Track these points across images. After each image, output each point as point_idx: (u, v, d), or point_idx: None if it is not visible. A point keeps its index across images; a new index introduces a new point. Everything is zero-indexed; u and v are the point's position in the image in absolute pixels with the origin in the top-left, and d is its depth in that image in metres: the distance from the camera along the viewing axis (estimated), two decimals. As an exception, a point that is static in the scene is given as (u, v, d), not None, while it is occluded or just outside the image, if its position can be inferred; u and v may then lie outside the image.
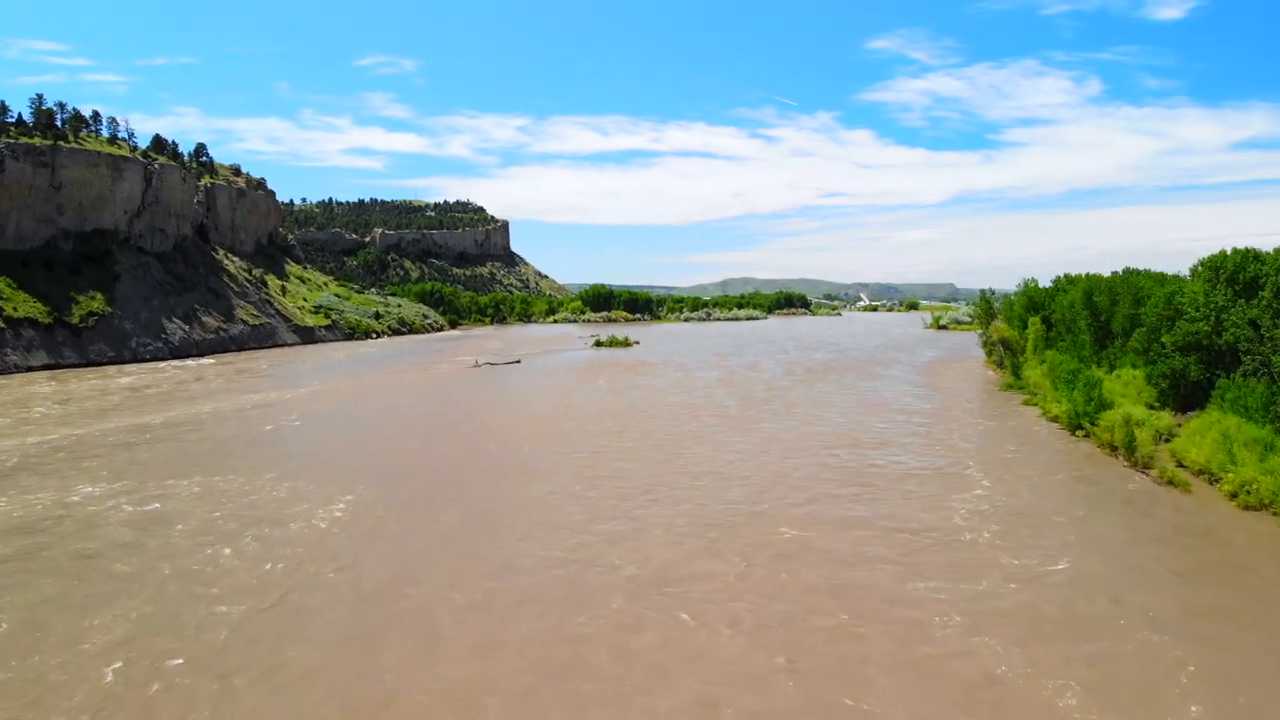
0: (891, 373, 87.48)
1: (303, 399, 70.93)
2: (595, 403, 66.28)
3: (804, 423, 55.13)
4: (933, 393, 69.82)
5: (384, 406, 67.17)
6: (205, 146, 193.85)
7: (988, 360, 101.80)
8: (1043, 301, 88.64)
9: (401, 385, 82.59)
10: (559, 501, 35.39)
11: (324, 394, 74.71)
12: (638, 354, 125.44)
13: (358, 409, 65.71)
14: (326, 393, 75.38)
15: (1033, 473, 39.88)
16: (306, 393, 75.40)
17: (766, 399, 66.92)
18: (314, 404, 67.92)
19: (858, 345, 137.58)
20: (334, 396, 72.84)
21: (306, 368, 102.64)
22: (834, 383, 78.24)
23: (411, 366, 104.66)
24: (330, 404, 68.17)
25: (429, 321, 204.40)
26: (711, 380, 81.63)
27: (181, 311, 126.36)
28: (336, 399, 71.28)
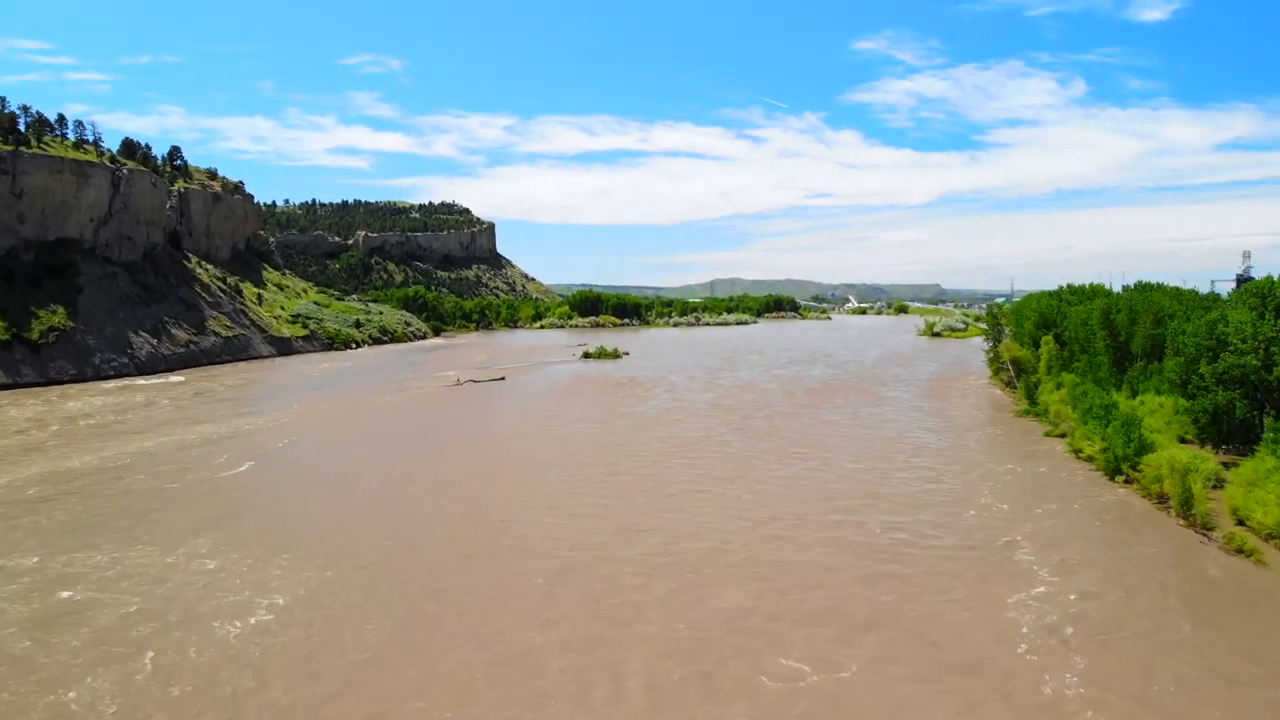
0: (895, 394, 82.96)
1: (254, 434, 64.26)
2: (579, 440, 60.07)
3: (813, 469, 49.83)
4: (945, 423, 65.20)
5: (345, 446, 60.16)
6: (180, 149, 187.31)
7: (993, 377, 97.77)
8: (1054, 318, 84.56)
9: (371, 413, 76.21)
10: (515, 618, 27.64)
11: (280, 426, 67.95)
12: (627, 367, 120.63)
13: (314, 450, 58.82)
14: (283, 425, 68.80)
15: (1089, 548, 34.03)
16: (260, 425, 68.84)
17: (768, 431, 61.95)
18: (265, 441, 61.09)
19: (854, 357, 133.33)
20: (290, 429, 66.35)
21: (272, 387, 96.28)
22: (837, 407, 73.59)
23: (387, 384, 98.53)
24: (284, 440, 61.48)
25: (411, 329, 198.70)
26: (705, 405, 76.68)
27: (150, 324, 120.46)
28: (293, 432, 64.89)
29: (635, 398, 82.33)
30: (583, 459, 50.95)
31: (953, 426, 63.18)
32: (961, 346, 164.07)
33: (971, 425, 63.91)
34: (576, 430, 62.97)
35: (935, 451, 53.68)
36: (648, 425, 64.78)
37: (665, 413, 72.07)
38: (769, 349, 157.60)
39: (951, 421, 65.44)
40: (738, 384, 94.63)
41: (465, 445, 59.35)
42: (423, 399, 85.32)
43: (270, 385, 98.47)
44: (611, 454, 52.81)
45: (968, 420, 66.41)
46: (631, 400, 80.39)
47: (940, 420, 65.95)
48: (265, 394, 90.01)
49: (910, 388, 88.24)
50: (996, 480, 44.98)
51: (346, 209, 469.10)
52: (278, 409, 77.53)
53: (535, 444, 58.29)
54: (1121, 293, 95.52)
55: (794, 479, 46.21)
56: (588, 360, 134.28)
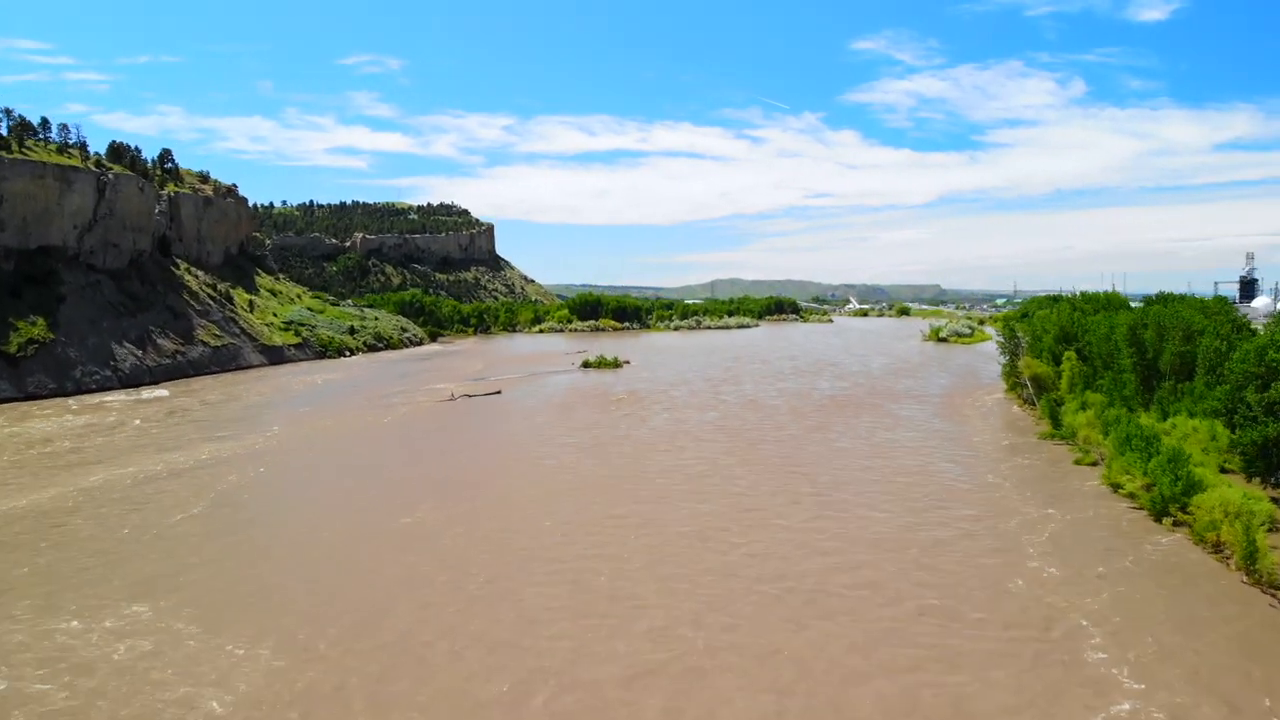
0: (909, 413, 78.75)
1: (221, 464, 58.72)
2: (573, 476, 54.26)
3: (830, 515, 43.90)
4: (967, 451, 60.17)
5: (317, 480, 54.96)
6: (171, 152, 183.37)
7: (1008, 391, 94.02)
8: (1075, 332, 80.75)
9: (353, 436, 71.14)
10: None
11: (251, 454, 62.52)
12: (627, 378, 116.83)
13: (281, 486, 53.41)
14: (255, 451, 63.50)
15: (1161, 630, 28.94)
16: (230, 452, 63.30)
17: (778, 463, 56.65)
18: (231, 474, 55.52)
19: (862, 366, 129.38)
20: (261, 457, 61.26)
21: (253, 405, 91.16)
22: (850, 430, 69.15)
23: (376, 399, 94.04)
24: (251, 472, 56.09)
25: (407, 335, 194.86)
26: (708, 427, 72.27)
27: (134, 335, 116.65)
28: (263, 462, 59.63)
29: (635, 417, 78.18)
30: (575, 503, 46.08)
31: (976, 455, 58.71)
32: (969, 354, 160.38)
33: (996, 453, 59.58)
34: (571, 461, 57.93)
35: (964, 493, 48.21)
36: (648, 453, 60.11)
37: (666, 437, 67.37)
38: (772, 356, 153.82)
39: (974, 450, 60.90)
40: (742, 399, 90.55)
41: (449, 480, 53.42)
42: (411, 418, 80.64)
43: (251, 402, 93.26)
44: (607, 495, 47.86)
45: (990, 447, 62.04)
46: (630, 420, 76.15)
47: (962, 448, 61.45)
48: (244, 413, 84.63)
49: (924, 404, 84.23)
50: (1037, 531, 39.89)
51: (344, 210, 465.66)
52: (253, 431, 72.73)
53: (525, 480, 53.11)
54: (1144, 305, 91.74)
55: (809, 531, 40.94)
56: (587, 370, 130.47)
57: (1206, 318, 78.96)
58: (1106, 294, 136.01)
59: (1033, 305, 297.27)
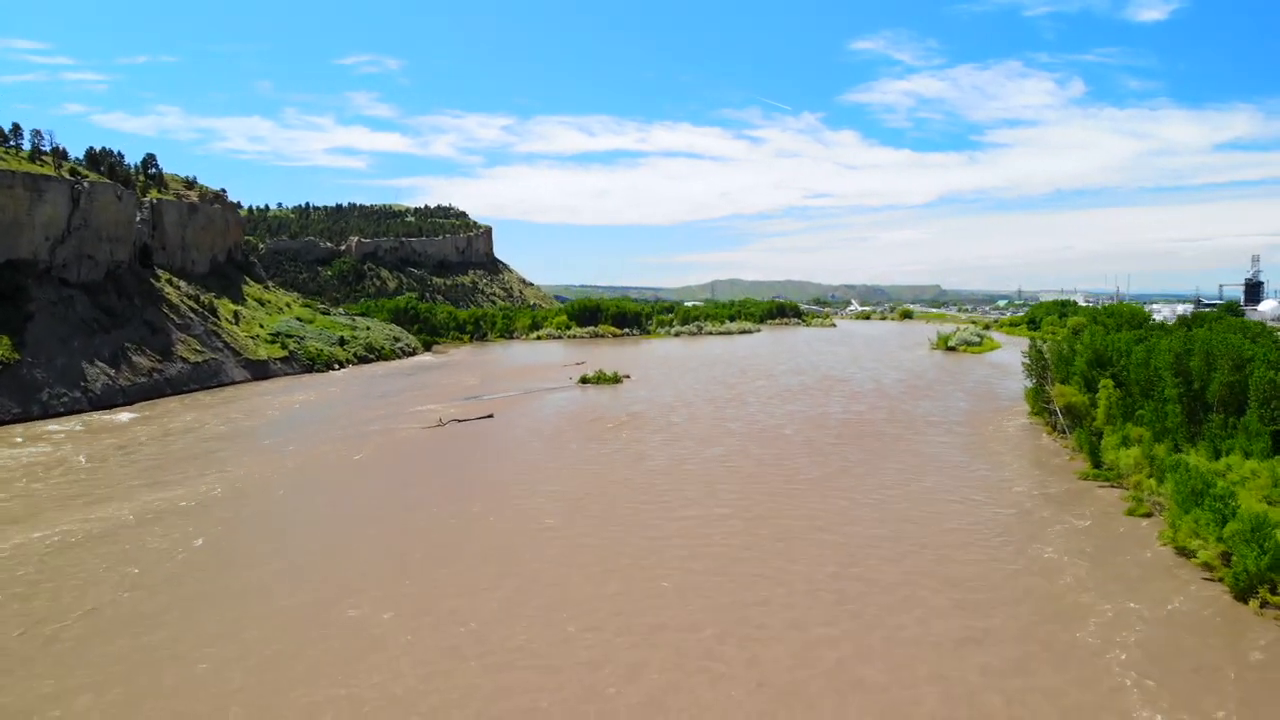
0: (936, 448, 71.42)
1: (155, 521, 51.10)
2: (559, 543, 46.37)
3: (866, 614, 36.05)
4: (1012, 511, 51.99)
5: (259, 548, 47.33)
6: (155, 157, 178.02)
7: (1033, 414, 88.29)
8: (1110, 356, 74.96)
9: (318, 480, 63.96)
10: None
11: (193, 506, 55.12)
12: (626, 397, 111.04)
13: (214, 561, 44.94)
14: (199, 503, 55.95)
15: None
16: (171, 504, 55.35)
17: (800, 528, 48.40)
18: (160, 537, 48.13)
19: (875, 382, 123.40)
20: (203, 513, 53.41)
21: (217, 434, 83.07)
22: (874, 473, 61.82)
23: (358, 424, 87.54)
24: (182, 537, 48.07)
25: (400, 345, 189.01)
26: (714, 466, 65.34)
27: (108, 353, 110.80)
28: (203, 519, 51.65)
29: (632, 451, 71.47)
30: (558, 587, 39.05)
31: (1021, 513, 51.05)
32: (981, 366, 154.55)
33: (1042, 507, 51.38)
34: (556, 523, 49.96)
35: (1024, 579, 39.91)
36: (646, 507, 52.74)
37: (667, 481, 59.97)
38: (777, 369, 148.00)
39: (1017, 505, 53.07)
40: (749, 426, 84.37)
41: (407, 553, 45.41)
42: (387, 452, 73.59)
43: (216, 432, 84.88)
44: (596, 574, 40.76)
45: (1033, 498, 53.60)
46: (627, 456, 69.25)
47: (1002, 501, 53.51)
48: (202, 447, 76.22)
49: (948, 434, 78.01)
50: (1120, 640, 32.49)
51: (341, 212, 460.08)
52: (205, 472, 65.07)
53: (502, 550, 45.30)
54: (1183, 329, 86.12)
55: (834, 649, 32.96)
56: (585, 386, 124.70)
57: (1252, 342, 73.45)
58: (1131, 307, 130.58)
59: (1039, 311, 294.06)
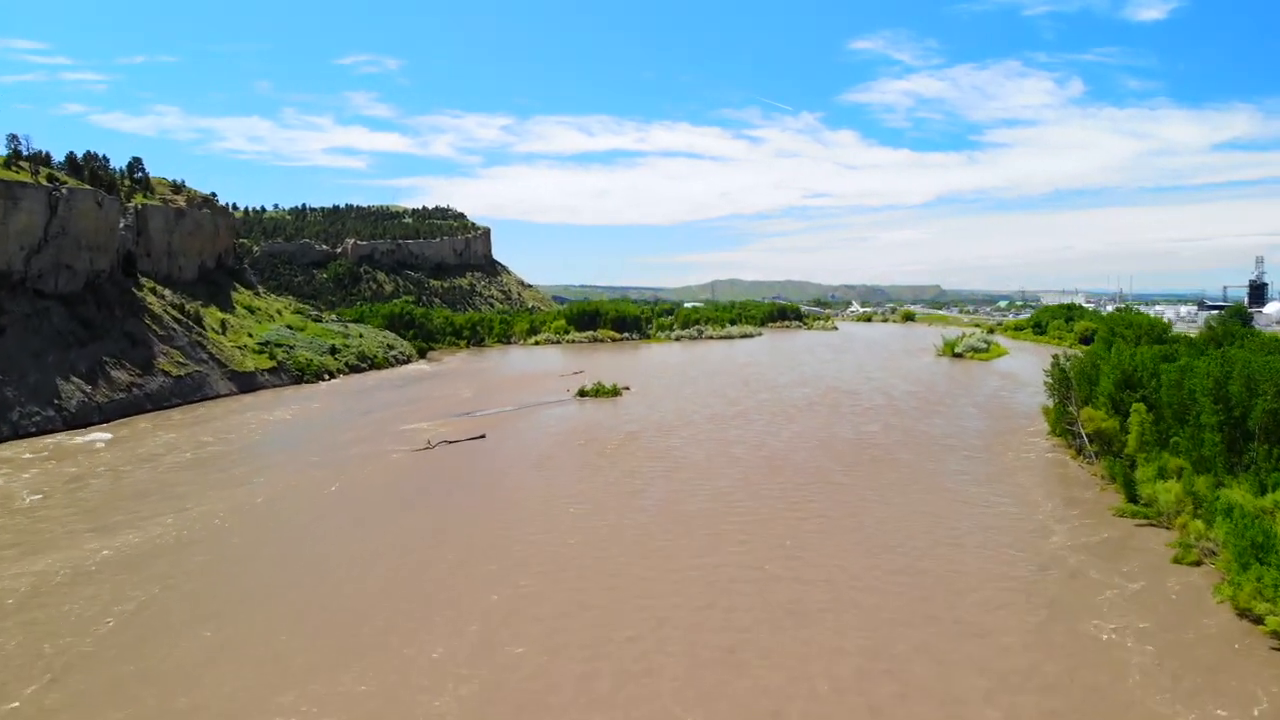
0: (958, 481, 65.61)
1: (82, 583, 44.70)
2: (536, 625, 39.14)
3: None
4: (1050, 566, 46.01)
5: (196, 619, 40.56)
6: (141, 161, 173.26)
7: (1053, 434, 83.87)
8: (1141, 378, 70.38)
9: (282, 518, 58.14)
10: None
11: (134, 558, 48.70)
12: (624, 414, 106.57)
13: (129, 637, 38.39)
14: (142, 553, 49.51)
15: None
16: (107, 558, 48.94)
17: (821, 600, 41.36)
18: (98, 596, 42.53)
19: (884, 396, 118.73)
20: (158, 560, 47.72)
21: (183, 461, 76.16)
22: (893, 516, 55.74)
23: (337, 448, 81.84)
24: (125, 595, 42.82)
25: (394, 353, 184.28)
26: (715, 500, 59.93)
27: (85, 367, 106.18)
28: (136, 577, 45.88)
29: (628, 485, 65.27)
30: (535, 682, 33.42)
31: (1064, 573, 44.42)
32: (990, 375, 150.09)
33: (1082, 559, 45.27)
34: (535, 588, 43.29)
35: (1080, 669, 33.78)
36: (639, 567, 46.22)
37: (663, 530, 53.19)
38: (781, 381, 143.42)
39: (1058, 560, 46.42)
40: (753, 450, 79.14)
41: (361, 630, 38.96)
42: (366, 482, 67.60)
43: (182, 458, 77.82)
44: (579, 670, 34.32)
45: (1071, 547, 47.62)
46: (622, 492, 63.09)
47: (1042, 554, 47.03)
48: (166, 478, 69.20)
49: (968, 460, 72.98)
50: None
51: (337, 214, 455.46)
52: (164, 510, 58.41)
53: (467, 627, 38.66)
54: (1218, 348, 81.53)
55: None
56: (583, 400, 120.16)
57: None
58: (1148, 318, 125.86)
59: (1045, 315, 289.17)
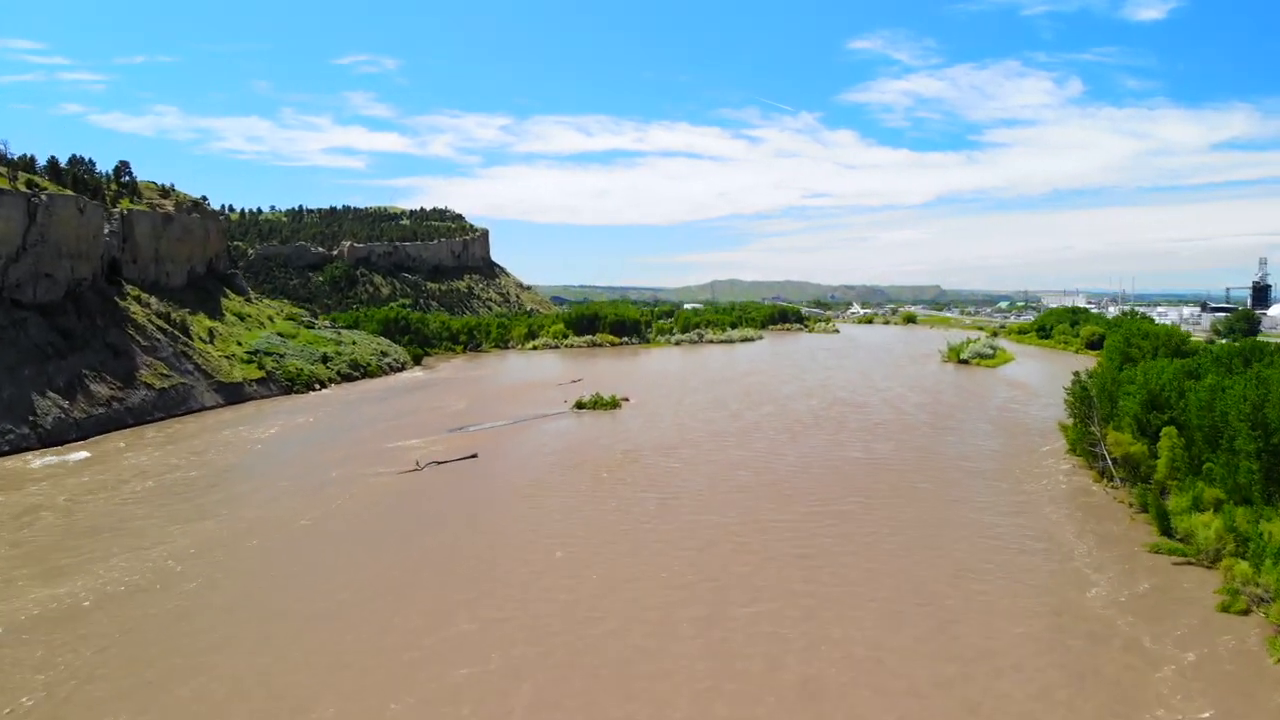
0: (978, 513, 60.80)
1: (26, 634, 40.85)
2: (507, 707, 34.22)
3: None
4: (1101, 634, 40.07)
5: (138, 674, 37.03)
6: (128, 164, 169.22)
7: (1069, 451, 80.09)
8: (1169, 398, 66.46)
9: (253, 558, 52.90)
10: None
11: (88, 607, 44.23)
12: (623, 429, 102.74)
13: (80, 699, 34.96)
14: (99, 601, 45.06)
15: None
16: (65, 599, 45.05)
17: (840, 678, 36.04)
18: (21, 662, 37.94)
19: (893, 409, 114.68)
20: (98, 614, 42.84)
21: (148, 489, 70.49)
22: (912, 564, 50.13)
23: (317, 470, 77.13)
24: (53, 660, 38.14)
25: (388, 360, 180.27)
26: (721, 551, 53.31)
27: (63, 381, 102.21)
28: (91, 631, 40.51)
29: (621, 524, 59.45)
30: None
31: (1118, 644, 38.71)
32: (999, 384, 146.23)
33: (1133, 626, 39.67)
34: (506, 661, 38.02)
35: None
36: (629, 636, 40.48)
37: (659, 580, 47.77)
38: (784, 391, 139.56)
39: (1105, 622, 40.77)
40: (758, 474, 73.71)
41: (309, 709, 34.25)
42: (342, 513, 62.56)
43: (148, 484, 71.85)
44: None
45: (1119, 608, 41.52)
46: (614, 532, 57.28)
47: (1084, 617, 41.38)
48: (124, 511, 62.89)
49: (989, 489, 67.78)
50: None
51: (334, 215, 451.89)
52: (117, 549, 52.94)
53: (427, 707, 33.96)
54: (1252, 367, 77.43)
55: None
56: (580, 412, 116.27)
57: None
58: (1166, 327, 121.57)
59: (1050, 318, 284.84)
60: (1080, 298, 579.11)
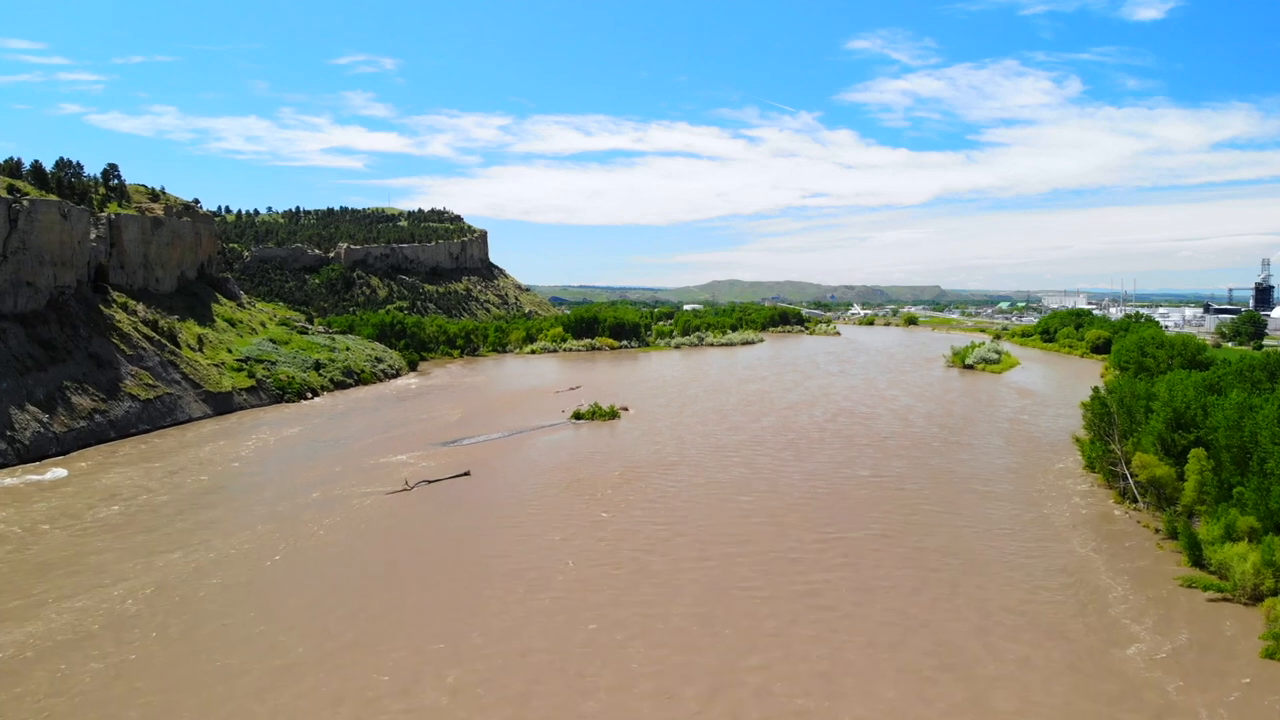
0: (999, 537, 57.60)
1: None
2: None
3: None
4: (1144, 689, 36.23)
5: None
6: (117, 167, 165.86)
7: (1086, 468, 77.01)
8: (1194, 417, 63.17)
9: (208, 603, 47.80)
10: None
11: (13, 668, 39.63)
12: (620, 442, 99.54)
13: None
14: (18, 664, 40.07)
15: None
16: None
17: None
18: None
19: (901, 421, 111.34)
20: (31, 671, 39.47)
21: (113, 516, 65.90)
22: (928, 618, 44.64)
23: (298, 493, 72.84)
24: None
25: (382, 367, 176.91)
26: (726, 590, 49.30)
27: (43, 394, 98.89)
28: (22, 694, 37.22)
29: (613, 556, 55.19)
30: None
31: (1157, 695, 35.53)
32: (1006, 391, 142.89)
33: (1178, 682, 35.20)
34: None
35: None
36: (618, 710, 35.62)
37: (651, 630, 43.29)
38: (786, 398, 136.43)
39: (1151, 684, 36.59)
40: (764, 497, 69.63)
41: None
42: (315, 548, 57.83)
43: (114, 510, 67.50)
44: None
45: (1162, 667, 37.27)
46: (605, 567, 52.87)
47: (1123, 667, 37.90)
48: (91, 542, 59.40)
49: (1006, 516, 63.19)
50: None
51: (332, 216, 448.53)
52: (72, 590, 48.66)
53: None
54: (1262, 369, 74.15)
55: None
56: (578, 424, 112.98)
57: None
58: (1182, 336, 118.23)
59: (1054, 321, 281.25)
60: (1081, 298, 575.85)
